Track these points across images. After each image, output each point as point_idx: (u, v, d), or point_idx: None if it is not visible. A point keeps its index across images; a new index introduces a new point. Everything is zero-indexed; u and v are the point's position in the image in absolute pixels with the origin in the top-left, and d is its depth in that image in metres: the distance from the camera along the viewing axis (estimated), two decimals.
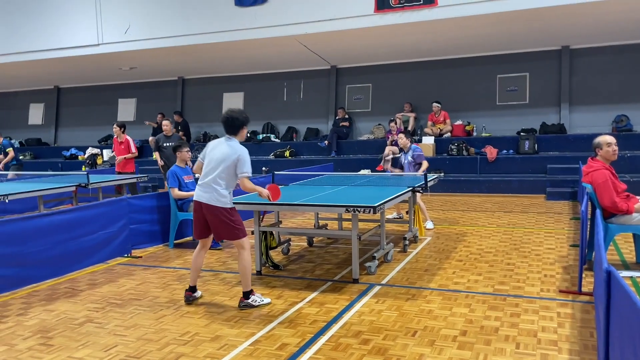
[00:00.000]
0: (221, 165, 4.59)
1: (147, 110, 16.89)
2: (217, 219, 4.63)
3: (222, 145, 4.68)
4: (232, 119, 4.69)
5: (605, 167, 5.43)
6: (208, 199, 4.60)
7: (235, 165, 4.58)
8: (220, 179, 4.59)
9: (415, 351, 3.70)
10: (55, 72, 16.01)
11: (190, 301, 4.86)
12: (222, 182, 4.60)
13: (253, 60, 14.31)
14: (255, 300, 4.71)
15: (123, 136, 10.15)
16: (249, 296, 4.71)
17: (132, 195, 8.09)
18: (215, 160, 4.63)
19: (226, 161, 4.58)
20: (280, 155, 14.40)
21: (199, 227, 4.78)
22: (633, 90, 12.20)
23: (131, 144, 10.20)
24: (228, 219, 4.63)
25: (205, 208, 4.64)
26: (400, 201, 6.32)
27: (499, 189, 11.53)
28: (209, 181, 4.63)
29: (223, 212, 4.61)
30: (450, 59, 13.68)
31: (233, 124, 4.69)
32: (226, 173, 4.59)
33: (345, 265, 6.00)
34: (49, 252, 5.53)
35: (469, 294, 4.91)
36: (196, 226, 4.80)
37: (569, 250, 6.46)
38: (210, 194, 4.60)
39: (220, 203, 4.59)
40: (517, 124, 12.93)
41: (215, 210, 4.60)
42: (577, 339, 3.82)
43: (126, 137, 10.16)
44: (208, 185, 4.62)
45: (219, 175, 4.59)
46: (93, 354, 3.81)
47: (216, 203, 4.59)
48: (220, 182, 4.60)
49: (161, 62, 14.57)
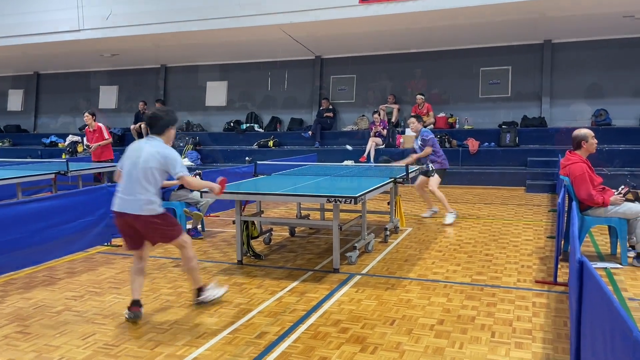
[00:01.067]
0: (146, 168, 4.05)
1: (129, 98, 16.69)
2: (148, 228, 4.13)
3: (145, 147, 4.14)
4: (156, 118, 4.20)
5: (583, 161, 5.52)
6: (134, 209, 4.05)
7: (164, 167, 4.09)
8: (147, 183, 4.06)
9: (393, 339, 3.75)
10: (35, 58, 15.71)
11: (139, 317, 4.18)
12: (150, 188, 4.07)
13: (237, 49, 14.21)
14: (207, 297, 4.45)
15: (95, 124, 9.99)
16: (200, 293, 4.46)
17: (112, 184, 8.01)
18: (138, 164, 4.07)
19: (150, 162, 4.05)
20: (264, 145, 14.36)
21: (128, 239, 4.24)
22: (612, 85, 12.39)
23: (104, 130, 10.04)
24: (160, 226, 4.15)
25: (131, 219, 4.08)
26: (382, 192, 6.36)
27: (480, 180, 11.65)
28: (132, 188, 4.07)
29: (154, 220, 4.10)
30: (434, 52, 13.73)
31: (157, 124, 4.19)
32: (153, 177, 4.07)
33: (327, 255, 6.03)
34: (26, 240, 5.45)
35: (447, 283, 4.98)
36: (125, 239, 4.26)
37: (546, 241, 6.57)
38: (136, 203, 4.05)
39: (148, 212, 4.06)
40: (499, 116, 13.05)
41: (145, 219, 4.08)
42: (551, 328, 3.90)
43: (98, 125, 10.01)
44: (131, 194, 4.06)
45: (145, 179, 4.05)
46: (71, 342, 3.79)
47: (145, 212, 4.05)
48: (147, 187, 4.06)
49: (143, 50, 14.39)
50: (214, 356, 3.53)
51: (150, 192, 4.08)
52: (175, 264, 5.82)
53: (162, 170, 4.11)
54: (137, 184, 4.06)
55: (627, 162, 11.03)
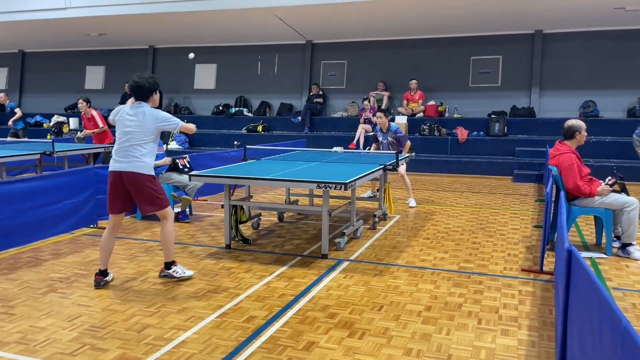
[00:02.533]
0: (140, 129, 4.33)
1: (116, 79, 16.45)
2: (140, 188, 4.36)
3: (136, 111, 4.39)
4: (140, 86, 4.41)
5: (572, 151, 5.56)
6: (128, 167, 4.32)
7: (161, 126, 4.39)
8: (142, 144, 4.34)
9: (381, 325, 3.77)
10: (20, 36, 15.39)
11: (102, 285, 4.50)
12: (144, 149, 4.36)
13: (227, 31, 14.04)
14: (176, 271, 4.63)
15: (89, 110, 9.84)
16: (171, 267, 4.63)
17: (99, 165, 7.92)
18: (132, 126, 4.35)
19: (146, 125, 4.34)
20: (253, 130, 14.27)
21: (115, 200, 4.46)
22: (601, 77, 12.46)
23: (97, 118, 9.88)
24: (152, 188, 4.39)
25: (126, 177, 4.34)
26: (371, 179, 6.36)
27: (468, 169, 11.70)
28: (127, 148, 4.34)
29: (146, 183, 4.36)
30: (426, 39, 13.69)
31: (140, 91, 4.42)
32: (147, 137, 4.35)
33: (315, 241, 6.03)
34: (11, 221, 5.37)
35: (434, 271, 5.01)
36: (112, 200, 4.47)
37: (532, 230, 6.64)
38: (131, 162, 4.33)
39: (143, 170, 4.34)
40: (488, 106, 13.08)
41: (139, 177, 4.33)
42: (536, 316, 3.95)
43: (92, 112, 9.85)
44: (127, 153, 4.34)
45: (141, 140, 4.34)
46: (56, 324, 3.76)
47: (139, 170, 4.32)
48: (141, 148, 4.34)
49: (131, 30, 14.16)
50: (202, 339, 3.52)
51: (143, 153, 4.36)
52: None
53: (158, 131, 4.42)
54: (131, 144, 4.34)
55: (614, 153, 11.15)
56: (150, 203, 4.44)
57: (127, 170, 4.34)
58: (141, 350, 3.37)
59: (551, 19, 11.93)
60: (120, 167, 4.37)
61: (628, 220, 5.38)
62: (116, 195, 4.44)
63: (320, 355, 3.31)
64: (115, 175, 4.39)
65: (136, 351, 3.36)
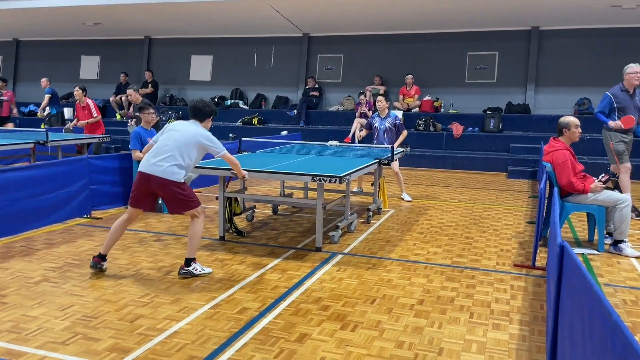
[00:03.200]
0: (185, 141, 4.48)
1: (111, 69, 16.34)
2: (170, 194, 4.47)
3: (188, 126, 4.61)
4: (203, 106, 4.68)
5: (566, 148, 5.58)
6: (160, 172, 4.40)
7: (205, 147, 4.55)
8: (179, 155, 4.44)
9: (373, 318, 3.78)
10: (15, 24, 15.25)
11: (98, 269, 4.58)
12: (180, 160, 4.45)
13: (224, 23, 13.97)
14: (196, 268, 4.57)
15: (85, 99, 9.78)
16: (191, 264, 4.57)
17: (93, 155, 7.88)
18: (179, 137, 4.50)
19: (191, 139, 4.50)
20: (248, 123, 14.23)
21: (139, 198, 4.56)
22: (597, 74, 12.48)
23: (92, 107, 9.83)
24: (181, 195, 4.48)
25: (156, 182, 4.43)
26: (366, 173, 6.36)
27: (462, 165, 11.73)
28: (166, 154, 4.44)
29: (176, 187, 4.44)
30: (423, 34, 13.67)
31: (201, 112, 4.66)
32: (187, 152, 4.48)
33: (309, 234, 6.03)
34: (4, 210, 5.34)
35: (427, 265, 5.03)
36: (136, 196, 4.57)
37: (525, 226, 6.67)
38: (165, 168, 4.41)
39: (171, 176, 4.41)
40: (484, 102, 13.09)
41: (169, 184, 4.42)
42: (528, 311, 3.97)
43: (87, 101, 9.80)
44: (163, 158, 4.43)
45: (179, 151, 4.45)
46: (49, 313, 3.75)
47: (169, 176, 4.40)
48: (177, 158, 4.44)
49: (127, 20, 14.06)
50: (195, 330, 3.53)
51: (178, 163, 4.45)
52: (156, 238, 5.78)
53: (201, 149, 4.56)
54: (169, 153, 4.45)
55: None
56: (180, 206, 4.56)
57: (157, 175, 4.43)
58: (134, 340, 3.37)
59: (548, 15, 11.93)
60: (151, 170, 4.46)
61: (620, 217, 5.41)
62: (142, 193, 4.56)
63: (313, 347, 3.32)
64: (144, 176, 4.49)
65: (129, 341, 3.36)
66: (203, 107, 4.67)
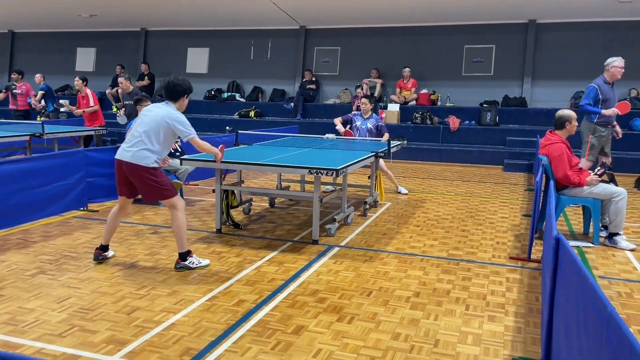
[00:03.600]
0: (154, 125, 4.38)
1: (107, 61, 16.26)
2: (140, 180, 4.40)
3: (158, 109, 4.49)
4: (175, 85, 4.50)
5: (562, 141, 5.59)
6: (130, 157, 4.35)
7: (174, 129, 4.39)
8: (148, 139, 4.36)
9: (370, 310, 3.80)
10: (10, 16, 15.15)
11: (100, 260, 4.68)
12: (149, 144, 4.36)
13: (220, 15, 13.90)
14: (192, 262, 4.53)
15: (84, 89, 9.80)
16: (186, 257, 4.52)
17: (90, 148, 7.86)
18: (148, 121, 4.41)
19: (160, 121, 4.38)
20: (245, 115, 14.20)
21: (120, 185, 4.58)
22: (594, 68, 12.39)
23: (91, 97, 9.84)
24: (152, 180, 4.38)
25: (126, 167, 4.38)
26: (362, 166, 6.36)
27: (459, 158, 11.74)
28: (135, 139, 4.39)
29: (145, 172, 4.35)
30: (420, 27, 13.64)
31: (174, 91, 4.50)
32: (157, 135, 4.37)
33: (306, 227, 6.04)
34: (0, 202, 5.33)
35: (424, 257, 5.05)
36: (118, 184, 4.59)
37: (521, 219, 6.69)
38: (133, 153, 4.35)
39: (142, 162, 4.33)
40: (480, 95, 13.10)
41: (137, 169, 4.35)
42: (523, 303, 4.00)
43: (86, 90, 9.82)
44: (133, 144, 4.38)
45: (150, 134, 4.37)
46: (45, 305, 3.75)
47: (138, 161, 4.33)
48: (146, 142, 4.35)
49: (123, 11, 13.98)
50: (192, 322, 3.54)
51: (148, 146, 4.36)
52: (153, 231, 5.78)
53: (170, 132, 4.42)
54: (140, 137, 4.38)
55: None
56: (152, 193, 4.51)
57: (127, 160, 4.39)
58: (130, 332, 3.38)
59: (545, 8, 11.92)
60: (123, 156, 4.43)
61: (616, 210, 5.44)
62: (122, 182, 4.56)
63: (309, 339, 3.34)
64: (118, 163, 4.48)
65: (125, 333, 3.37)
66: (174, 86, 4.49)
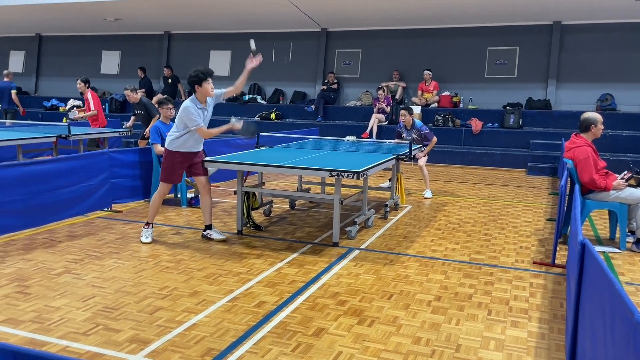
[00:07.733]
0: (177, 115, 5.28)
1: (131, 64, 16.51)
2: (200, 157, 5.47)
3: None
4: (187, 78, 5.17)
5: (588, 144, 5.49)
6: None
7: (184, 119, 5.12)
8: (176, 127, 5.27)
9: (390, 313, 3.78)
10: (37, 20, 15.48)
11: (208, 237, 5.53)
12: (175, 130, 5.27)
13: (242, 18, 14.00)
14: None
15: (87, 92, 9.74)
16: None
17: (115, 149, 7.97)
18: None
19: (178, 113, 5.21)
20: (266, 118, 14.26)
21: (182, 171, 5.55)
22: (620, 70, 12.25)
23: (91, 100, 9.71)
24: (163, 160, 5.41)
25: None
26: (383, 168, 6.34)
27: (481, 161, 11.62)
28: None
29: (165, 152, 5.37)
30: (442, 29, 13.54)
31: (189, 83, 5.16)
32: (177, 123, 5.23)
33: (326, 229, 6.04)
34: (27, 202, 5.46)
35: (445, 261, 5.00)
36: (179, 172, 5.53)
37: (545, 223, 6.59)
38: None
39: (166, 145, 5.36)
40: (503, 97, 12.93)
41: None
42: (547, 309, 3.93)
43: (87, 94, 9.74)
44: None
45: (176, 124, 5.28)
46: (70, 304, 3.82)
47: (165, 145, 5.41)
48: (174, 130, 5.30)
49: (147, 15, 14.17)
50: (213, 323, 3.56)
51: (172, 134, 5.30)
52: (175, 232, 5.84)
53: (182, 121, 5.15)
54: None
55: (631, 148, 10.99)
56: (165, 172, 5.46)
57: None
58: (153, 332, 3.42)
59: (570, 10, 11.73)
60: None
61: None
62: None
63: (330, 342, 3.33)
64: None
65: (148, 332, 3.41)
66: (189, 78, 5.14)
